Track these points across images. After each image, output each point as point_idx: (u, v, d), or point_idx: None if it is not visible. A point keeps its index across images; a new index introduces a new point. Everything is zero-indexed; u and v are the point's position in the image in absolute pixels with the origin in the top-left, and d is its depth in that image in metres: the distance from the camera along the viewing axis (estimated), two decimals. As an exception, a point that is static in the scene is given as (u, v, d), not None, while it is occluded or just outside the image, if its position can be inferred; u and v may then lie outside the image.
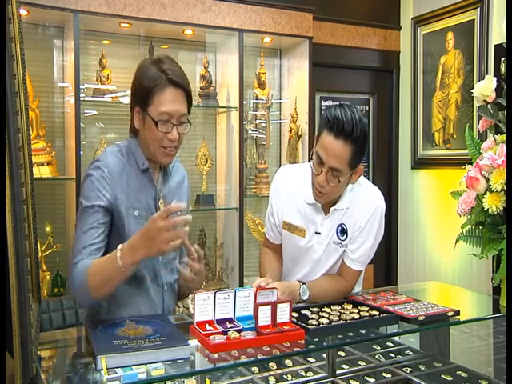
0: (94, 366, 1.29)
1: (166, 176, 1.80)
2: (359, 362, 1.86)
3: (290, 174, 2.09)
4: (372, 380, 1.76)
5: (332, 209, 1.95)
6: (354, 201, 1.95)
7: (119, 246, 1.52)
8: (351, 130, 1.74)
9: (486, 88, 1.97)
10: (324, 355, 1.80)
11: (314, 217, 1.97)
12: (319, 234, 1.97)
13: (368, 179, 2.26)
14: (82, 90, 2.98)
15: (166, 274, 1.79)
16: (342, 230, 1.95)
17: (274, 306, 1.49)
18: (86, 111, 3.13)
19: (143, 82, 1.65)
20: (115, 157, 1.72)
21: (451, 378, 1.79)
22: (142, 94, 1.64)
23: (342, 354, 1.89)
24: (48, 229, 3.00)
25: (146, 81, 1.64)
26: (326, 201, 1.93)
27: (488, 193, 1.84)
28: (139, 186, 1.71)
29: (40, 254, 2.87)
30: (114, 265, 1.50)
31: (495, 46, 3.36)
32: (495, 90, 1.96)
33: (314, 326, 1.53)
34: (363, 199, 1.95)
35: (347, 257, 1.96)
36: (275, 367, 1.79)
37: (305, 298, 1.85)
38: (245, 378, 1.71)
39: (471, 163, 1.98)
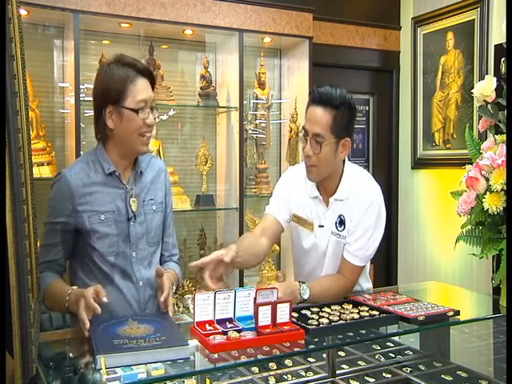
0: (94, 365, 1.29)
1: (137, 174, 1.85)
2: (359, 362, 1.86)
3: (296, 172, 2.13)
4: (372, 380, 1.76)
5: (331, 199, 1.99)
6: (351, 192, 1.98)
7: (69, 291, 1.63)
8: (329, 98, 1.87)
9: (485, 88, 1.97)
10: (324, 355, 1.80)
11: (317, 210, 2.02)
12: (322, 226, 2.01)
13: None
14: (82, 90, 2.98)
15: (142, 269, 1.81)
16: (341, 221, 1.99)
17: (274, 306, 1.49)
18: (85, 111, 3.11)
19: (112, 81, 1.72)
20: (78, 167, 1.79)
21: (451, 378, 1.79)
22: (116, 92, 1.71)
23: (342, 354, 1.89)
24: (48, 229, 2.99)
25: (115, 78, 1.71)
26: (318, 177, 1.97)
27: (488, 193, 1.84)
28: (105, 190, 1.78)
29: (40, 254, 2.87)
30: (63, 305, 1.64)
31: (495, 45, 3.36)
32: (495, 89, 1.96)
33: (314, 326, 1.53)
34: (360, 192, 1.98)
35: (345, 250, 1.98)
36: (275, 367, 1.79)
37: (306, 297, 1.86)
38: (245, 378, 1.71)
39: (471, 163, 1.98)
